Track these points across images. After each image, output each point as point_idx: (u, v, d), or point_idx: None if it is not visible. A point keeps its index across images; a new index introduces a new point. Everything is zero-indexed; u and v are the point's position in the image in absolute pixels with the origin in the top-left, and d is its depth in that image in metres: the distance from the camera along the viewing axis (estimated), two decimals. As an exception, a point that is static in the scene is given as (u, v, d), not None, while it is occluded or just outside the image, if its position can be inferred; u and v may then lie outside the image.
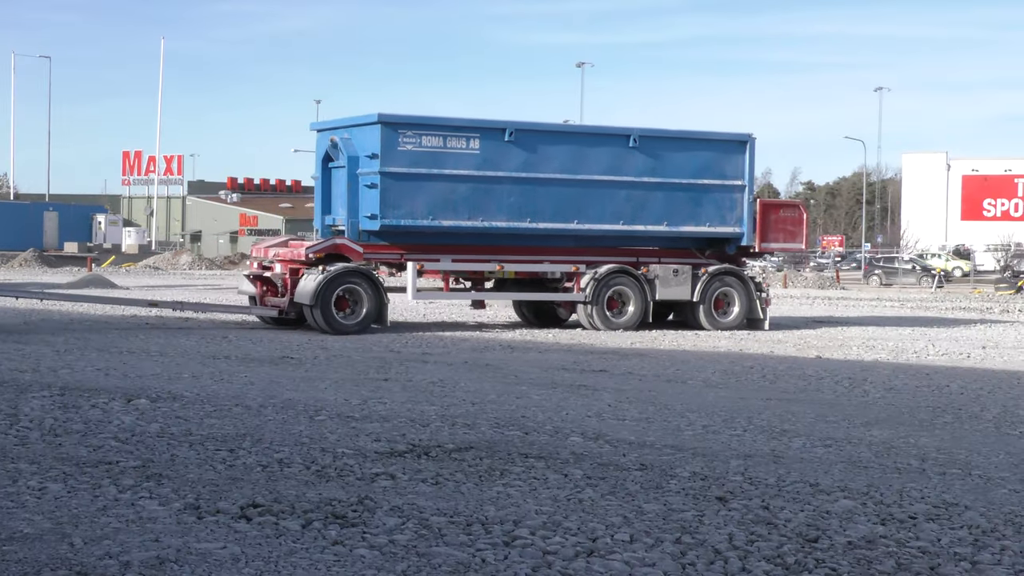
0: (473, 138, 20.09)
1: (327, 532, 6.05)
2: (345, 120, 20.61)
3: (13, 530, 5.87)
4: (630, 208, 21.14)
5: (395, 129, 19.61)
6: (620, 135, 21.23)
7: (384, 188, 19.50)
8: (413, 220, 19.77)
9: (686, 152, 21.60)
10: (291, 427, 9.21)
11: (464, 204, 20.04)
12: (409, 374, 13.33)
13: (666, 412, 10.75)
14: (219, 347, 16.23)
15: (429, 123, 19.99)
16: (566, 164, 20.70)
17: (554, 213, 20.60)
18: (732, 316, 21.91)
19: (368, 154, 19.71)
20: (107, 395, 10.64)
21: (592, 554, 5.80)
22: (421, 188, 19.75)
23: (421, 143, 19.73)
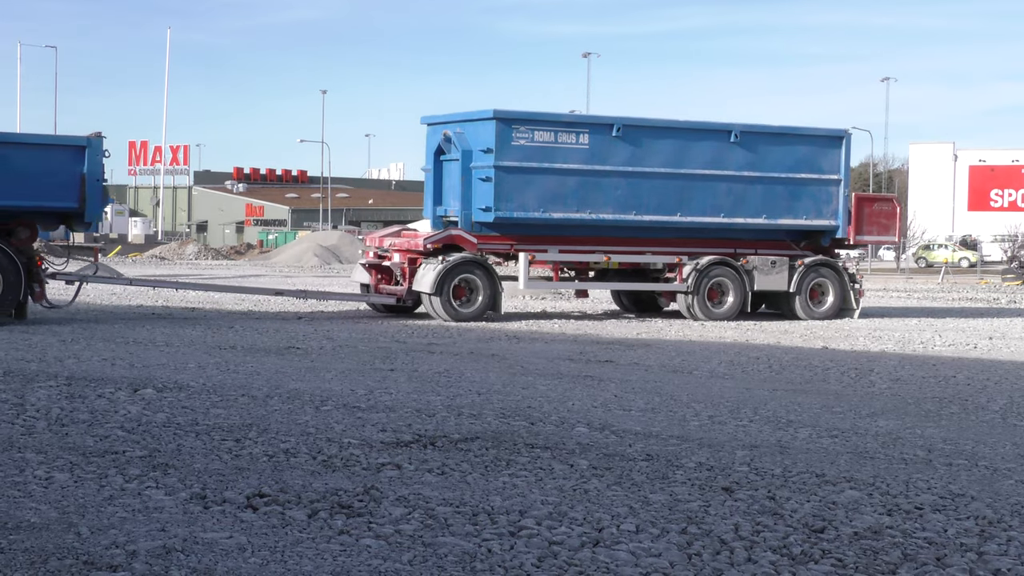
0: (582, 133, 20.72)
1: (333, 522, 6.06)
2: (458, 115, 21.25)
3: (20, 519, 5.88)
4: (730, 201, 21.72)
5: (509, 125, 20.27)
6: (722, 131, 21.81)
7: (498, 181, 20.16)
8: (525, 212, 20.42)
9: (784, 147, 22.21)
10: (297, 417, 9.22)
11: (573, 197, 20.67)
12: (415, 364, 13.34)
13: (672, 403, 10.75)
14: (225, 337, 16.24)
15: (541, 119, 20.67)
16: (670, 158, 21.31)
17: (658, 206, 21.24)
18: (827, 306, 22.61)
19: (482, 148, 20.32)
20: (113, 385, 10.66)
21: (598, 544, 5.80)
22: (532, 181, 20.39)
23: (533, 138, 20.36)
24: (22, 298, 17.70)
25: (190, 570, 5.18)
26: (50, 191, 17.84)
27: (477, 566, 5.40)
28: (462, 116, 21.07)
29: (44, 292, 18.05)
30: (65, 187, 17.82)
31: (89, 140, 18.08)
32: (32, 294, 17.81)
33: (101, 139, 18.15)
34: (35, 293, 17.84)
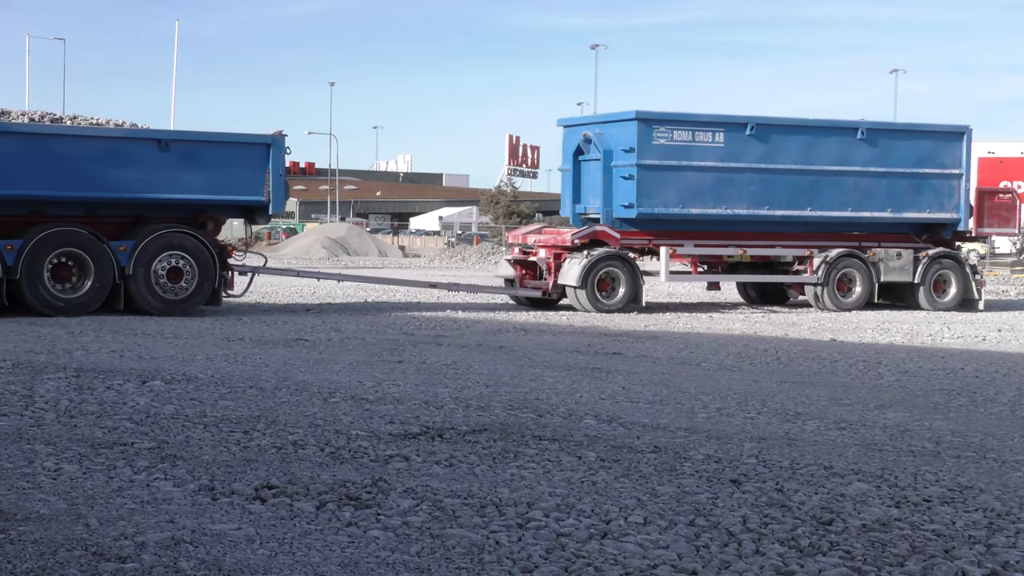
0: (718, 132, 21.66)
1: (341, 514, 6.07)
2: (597, 117, 22.66)
3: (29, 511, 5.90)
4: (857, 196, 22.59)
5: (650, 125, 21.20)
6: (849, 128, 22.79)
7: (640, 179, 21.09)
8: (665, 208, 21.34)
9: (908, 143, 23.06)
10: (305, 409, 9.23)
11: (709, 193, 21.61)
12: (423, 356, 13.34)
13: (680, 395, 10.74)
14: (233, 329, 16.26)
15: (680, 119, 21.60)
16: (800, 155, 22.21)
17: (789, 201, 22.12)
18: (949, 297, 23.36)
19: (624, 148, 21.25)
20: (122, 377, 10.67)
21: (606, 536, 5.80)
22: (672, 179, 21.34)
23: (672, 137, 21.31)
24: (216, 286, 18.70)
25: (199, 561, 5.19)
26: (239, 186, 18.97)
27: (485, 558, 5.41)
28: (601, 118, 22.47)
29: (233, 281, 19.26)
30: (252, 182, 18.96)
31: (273, 138, 19.20)
32: (225, 283, 18.90)
33: (283, 137, 19.28)
34: (227, 282, 18.96)
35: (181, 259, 18.42)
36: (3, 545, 5.31)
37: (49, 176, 17.87)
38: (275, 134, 19.34)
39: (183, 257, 18.42)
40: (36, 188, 17.90)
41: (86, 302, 17.88)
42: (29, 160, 17.81)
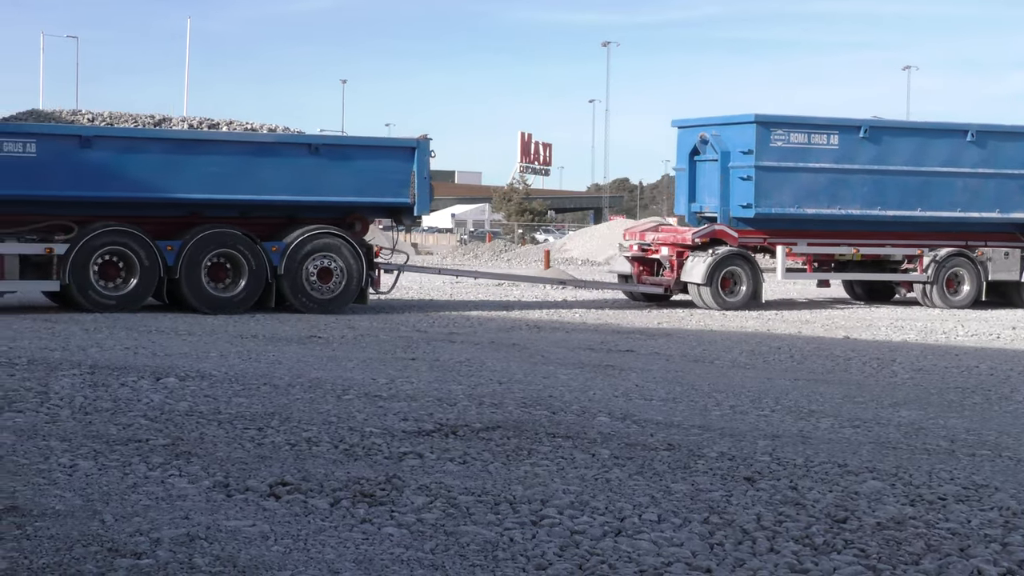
0: (832, 134, 22.25)
1: (355, 510, 6.08)
2: (713, 119, 22.90)
3: (45, 507, 5.92)
4: (966, 196, 23.05)
5: (768, 128, 21.84)
6: (959, 130, 23.25)
7: (758, 180, 21.71)
8: (781, 208, 21.95)
9: (1017, 144, 23.55)
10: (319, 406, 9.24)
11: (824, 194, 22.19)
12: (436, 353, 13.35)
13: (693, 392, 10.73)
14: (246, 326, 16.28)
15: (797, 122, 22.24)
16: (911, 157, 22.74)
17: (900, 201, 22.62)
18: None
19: (742, 150, 21.83)
20: (136, 373, 10.70)
21: (620, 533, 5.80)
22: (788, 180, 21.96)
23: (789, 140, 21.95)
24: (363, 285, 19.16)
25: (213, 558, 5.21)
26: (385, 188, 19.50)
27: (499, 555, 5.41)
28: (718, 120, 22.71)
29: (380, 280, 19.68)
30: (398, 184, 19.46)
31: (418, 141, 19.66)
32: (371, 282, 19.31)
33: (428, 140, 19.66)
34: (373, 281, 19.37)
35: (331, 259, 18.91)
36: (20, 540, 5.33)
37: (206, 180, 18.42)
38: (420, 138, 19.79)
39: (333, 257, 18.90)
40: (194, 191, 18.43)
41: (241, 300, 18.44)
42: (188, 165, 18.39)
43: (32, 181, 17.49)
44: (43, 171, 17.51)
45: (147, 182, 18.19)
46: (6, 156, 17.37)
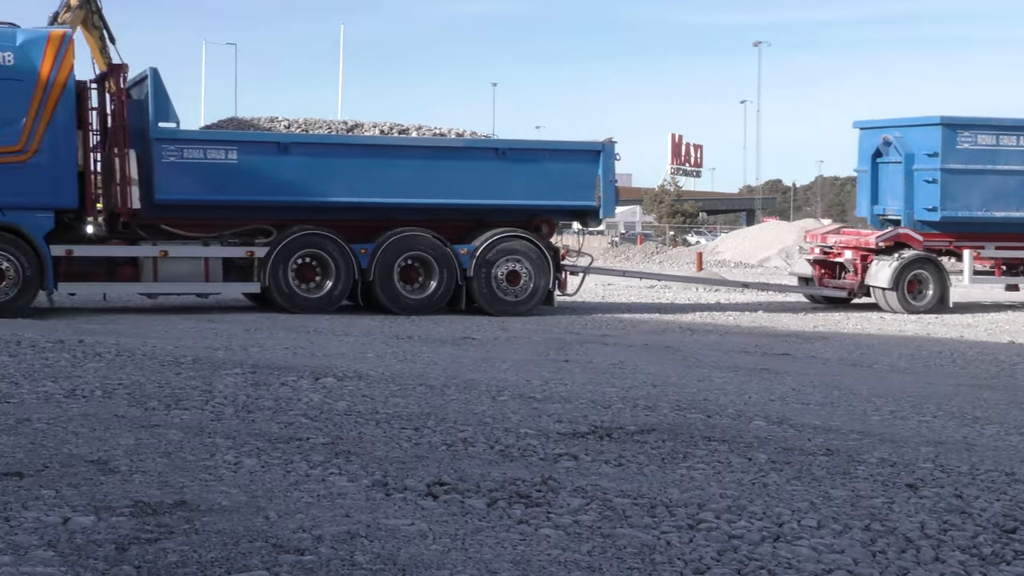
0: (1022, 136, 22.00)
1: (512, 511, 6.11)
2: (895, 120, 22.96)
3: (212, 502, 6.08)
4: None
5: (954, 130, 21.68)
6: None
7: (944, 183, 21.59)
8: (968, 212, 21.87)
9: None
10: (474, 407, 9.31)
11: (1013, 196, 22.00)
12: (589, 355, 13.35)
13: (851, 397, 10.54)
14: (402, 327, 16.50)
15: (984, 124, 22.03)
16: None
17: None
18: None
19: (927, 152, 21.75)
20: (296, 373, 10.92)
21: (778, 539, 5.73)
22: (975, 182, 21.78)
23: (976, 141, 21.77)
24: (551, 287, 19.50)
25: (374, 555, 5.29)
26: (571, 191, 19.75)
27: (656, 558, 5.39)
28: (901, 121, 22.65)
29: (566, 282, 19.97)
30: (584, 187, 19.70)
31: (603, 144, 19.88)
32: (558, 284, 19.69)
33: (613, 144, 19.91)
34: (560, 283, 19.75)
35: (519, 262, 19.31)
36: (189, 535, 5.49)
37: (397, 184, 18.89)
38: (605, 141, 19.94)
39: (521, 260, 19.30)
40: (386, 195, 18.94)
41: (433, 302, 18.96)
42: (380, 169, 18.87)
43: (234, 187, 18.09)
44: (244, 177, 18.10)
45: (341, 187, 18.65)
46: (210, 163, 17.99)
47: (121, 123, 17.70)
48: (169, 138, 17.80)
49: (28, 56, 17.14)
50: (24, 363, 11.20)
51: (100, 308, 18.69)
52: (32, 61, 17.12)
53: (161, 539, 5.40)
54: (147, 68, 17.92)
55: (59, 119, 17.24)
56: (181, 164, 17.82)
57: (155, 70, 17.80)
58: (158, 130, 17.69)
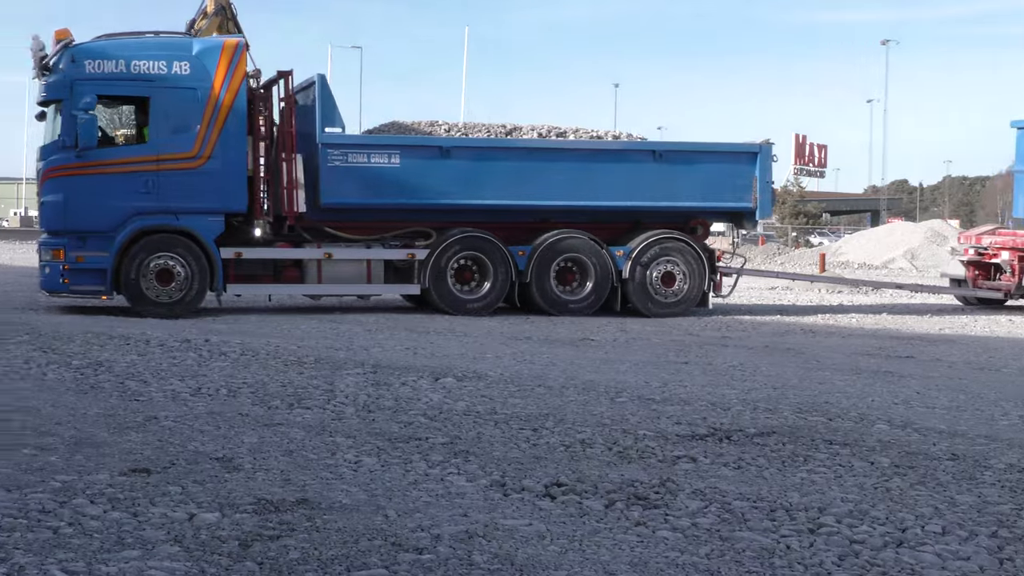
0: None
1: (630, 513, 6.09)
2: None
3: (333, 500, 6.16)
4: None
5: None
6: None
7: None
8: None
9: None
10: (592, 408, 9.31)
11: None
12: (708, 357, 13.25)
13: (978, 401, 10.31)
14: (520, 328, 16.55)
15: None
16: None
17: None
18: None
19: None
20: (416, 373, 11.02)
21: (902, 545, 5.63)
22: None
23: None
24: (706, 289, 19.56)
25: (492, 555, 5.31)
26: (728, 192, 19.66)
27: (776, 562, 5.33)
28: None
29: (721, 284, 19.98)
30: (741, 188, 19.60)
31: (761, 146, 19.82)
32: (713, 286, 19.70)
33: (771, 145, 19.92)
34: (715, 285, 19.78)
35: (675, 263, 19.31)
36: (310, 532, 5.57)
37: (555, 186, 19.07)
38: (763, 142, 19.89)
39: (676, 262, 19.30)
40: (544, 198, 19.13)
41: (589, 304, 19.02)
42: (538, 172, 19.05)
43: (396, 190, 18.40)
44: (406, 180, 18.40)
45: (500, 190, 18.81)
46: (374, 167, 18.31)
47: (289, 128, 18.19)
48: (335, 143, 18.19)
49: (203, 65, 17.77)
50: (152, 362, 11.49)
51: (226, 308, 19.06)
52: (207, 70, 17.74)
53: (283, 536, 5.49)
54: (315, 74, 18.36)
55: (231, 126, 17.83)
56: (346, 168, 18.17)
57: (322, 76, 18.27)
58: (325, 135, 18.10)
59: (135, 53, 17.71)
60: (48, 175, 17.69)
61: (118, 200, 17.46)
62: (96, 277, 17.47)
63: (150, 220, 17.58)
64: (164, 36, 18.74)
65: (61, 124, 17.53)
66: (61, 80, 17.49)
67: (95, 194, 17.38)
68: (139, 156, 17.64)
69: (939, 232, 45.88)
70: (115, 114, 18.78)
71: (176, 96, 17.57)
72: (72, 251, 17.40)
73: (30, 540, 5.32)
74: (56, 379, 10.28)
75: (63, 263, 17.40)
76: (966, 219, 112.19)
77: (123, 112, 18.50)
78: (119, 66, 17.55)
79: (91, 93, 17.26)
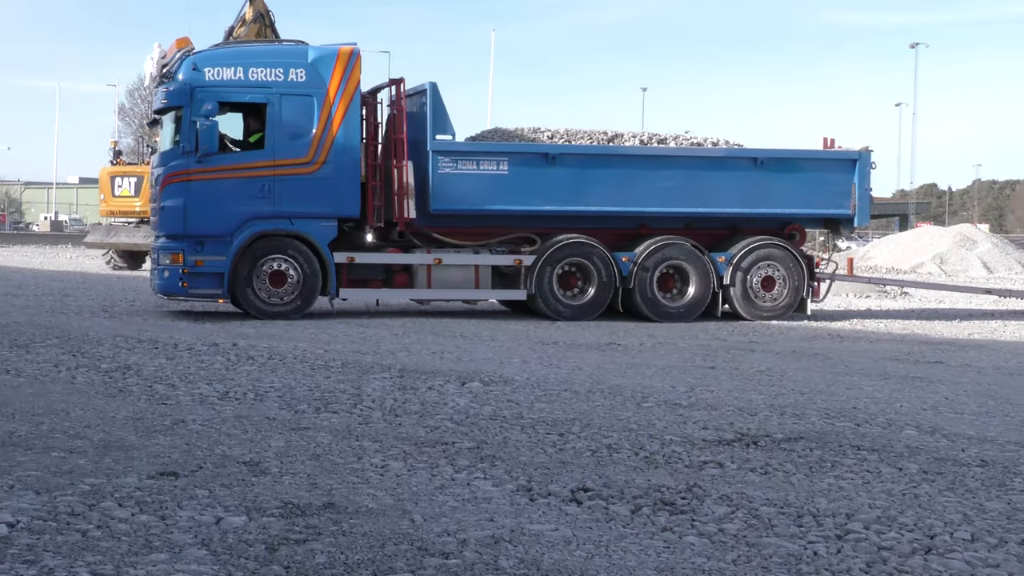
0: None
1: (656, 518, 6.08)
2: None
3: (359, 504, 6.18)
4: None
5: None
6: None
7: None
8: None
9: None
10: (619, 413, 9.30)
11: None
12: (736, 362, 13.22)
13: (1008, 407, 10.25)
14: (547, 332, 16.54)
15: None
16: None
17: None
18: None
19: None
20: (442, 378, 11.03)
21: (930, 551, 5.60)
22: None
23: None
24: (804, 295, 19.67)
25: (518, 560, 5.31)
26: (826, 199, 19.75)
27: (803, 568, 5.31)
28: None
29: (819, 290, 20.06)
30: (839, 196, 19.68)
31: (859, 153, 19.93)
32: (811, 292, 19.80)
33: (869, 153, 19.99)
34: (813, 290, 19.85)
35: (775, 269, 19.46)
36: (336, 536, 5.58)
37: (657, 193, 19.20)
38: (862, 150, 19.98)
39: (776, 267, 19.45)
40: (646, 204, 19.26)
41: (690, 309, 19.19)
42: (640, 179, 19.17)
43: (504, 196, 18.58)
44: (513, 187, 18.57)
45: (603, 196, 18.98)
46: (482, 173, 18.51)
47: (400, 135, 18.40)
48: (446, 150, 18.38)
49: (318, 72, 18.07)
50: (180, 366, 11.54)
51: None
52: (322, 77, 18.05)
53: (309, 540, 5.50)
54: (426, 82, 18.52)
55: (345, 132, 18.12)
56: (455, 175, 18.37)
57: (434, 84, 18.43)
58: (436, 142, 18.29)
59: (253, 61, 18.09)
60: (168, 180, 17.99)
61: (236, 204, 17.83)
62: (214, 280, 17.83)
63: (266, 224, 17.94)
64: (279, 43, 19.07)
65: (181, 130, 17.84)
66: (182, 88, 17.83)
67: (214, 199, 17.76)
68: (256, 162, 17.99)
69: (968, 236, 45.67)
70: (233, 120, 18.93)
71: (292, 103, 17.92)
72: (191, 255, 17.72)
73: (59, 543, 5.35)
74: (85, 382, 10.34)
75: (182, 267, 17.73)
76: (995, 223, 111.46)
77: (241, 118, 18.67)
78: (238, 73, 17.91)
79: (212, 100, 17.64)
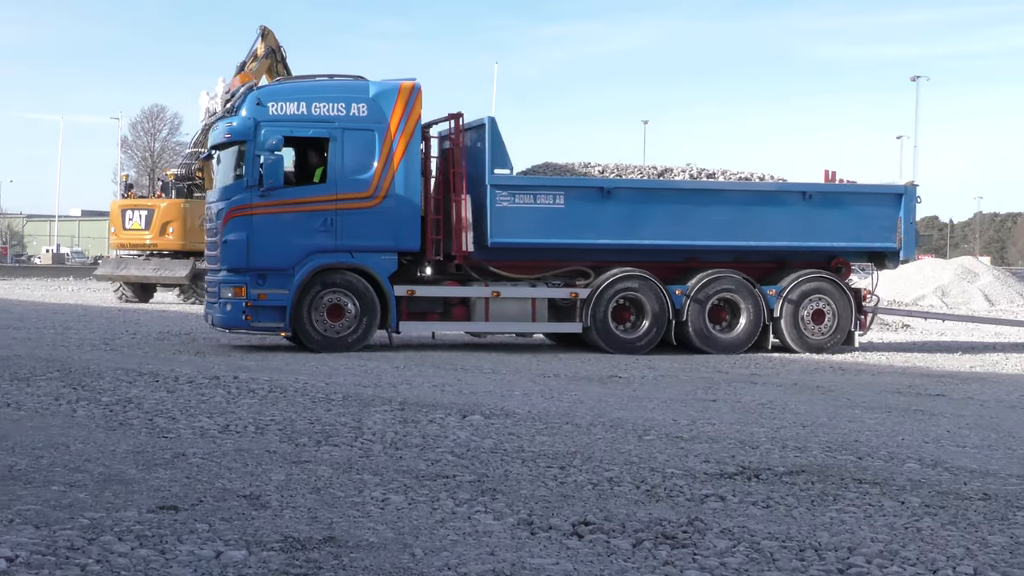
0: None
1: (657, 552, 6.06)
2: None
3: (360, 538, 6.16)
4: None
5: None
6: None
7: None
8: None
9: None
10: (620, 446, 9.28)
11: None
12: (737, 395, 13.20)
13: (1011, 440, 10.22)
14: (549, 365, 16.54)
15: None
16: None
17: None
18: None
19: None
20: (443, 411, 11.02)
21: (932, 586, 5.58)
22: None
23: None
24: (852, 328, 19.85)
25: (519, 594, 5.29)
26: (872, 233, 19.96)
27: (805, 603, 5.29)
28: None
29: (867, 323, 20.25)
30: (885, 229, 19.88)
31: (906, 188, 20.12)
32: (859, 324, 19.95)
33: (915, 187, 20.13)
34: (861, 323, 20.01)
35: (824, 302, 19.64)
36: (337, 571, 5.57)
37: (708, 226, 19.38)
38: (907, 184, 20.15)
39: (826, 300, 19.63)
40: (697, 238, 19.47)
41: (742, 341, 19.37)
42: (692, 213, 19.35)
43: (560, 230, 18.73)
44: (569, 220, 18.72)
45: (656, 229, 19.14)
46: (539, 207, 18.64)
47: (459, 169, 18.58)
48: (504, 184, 18.55)
49: (379, 107, 18.30)
50: (181, 399, 11.53)
51: (255, 345, 19.12)
52: (383, 112, 18.29)
53: (310, 574, 5.49)
54: (485, 117, 18.69)
55: (406, 166, 18.33)
56: (513, 209, 18.52)
57: (492, 119, 18.59)
58: (494, 176, 18.47)
59: (316, 96, 18.29)
60: (232, 214, 18.14)
61: (298, 238, 18.02)
62: (276, 314, 18.01)
63: (328, 258, 18.12)
64: (339, 79, 19.20)
65: (245, 164, 18.00)
66: (246, 122, 18.04)
67: (277, 233, 17.96)
68: (319, 196, 18.18)
69: (970, 269, 45.62)
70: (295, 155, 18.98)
71: (354, 137, 18.15)
72: (254, 288, 17.91)
73: (58, 577, 5.33)
74: (86, 416, 10.33)
75: (245, 300, 17.90)
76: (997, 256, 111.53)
77: (304, 152, 18.73)
78: (301, 108, 18.14)
79: (276, 135, 17.80)
